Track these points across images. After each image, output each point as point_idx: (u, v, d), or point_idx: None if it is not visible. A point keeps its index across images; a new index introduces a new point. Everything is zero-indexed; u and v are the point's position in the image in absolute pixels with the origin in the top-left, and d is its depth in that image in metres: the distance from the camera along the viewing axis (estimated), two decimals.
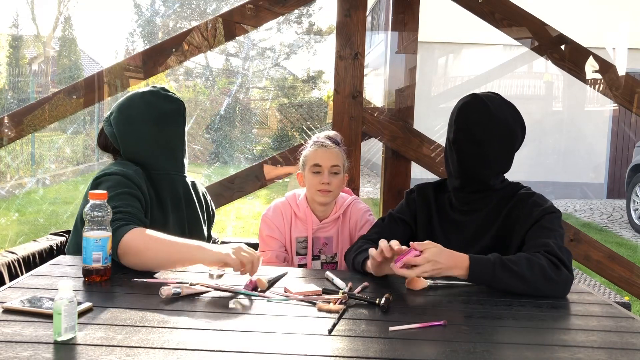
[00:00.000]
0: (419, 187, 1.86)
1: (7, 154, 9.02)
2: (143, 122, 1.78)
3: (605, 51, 7.73)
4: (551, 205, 1.64)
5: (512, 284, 1.47)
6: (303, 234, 2.05)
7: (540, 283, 1.47)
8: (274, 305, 1.33)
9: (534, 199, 1.66)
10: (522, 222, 1.63)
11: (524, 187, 1.74)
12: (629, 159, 8.99)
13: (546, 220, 1.60)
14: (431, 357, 1.07)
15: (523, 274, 1.46)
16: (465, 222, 1.72)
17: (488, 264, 1.48)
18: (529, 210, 1.63)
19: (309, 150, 2.05)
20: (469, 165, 1.67)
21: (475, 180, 1.69)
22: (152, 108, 1.79)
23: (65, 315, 1.06)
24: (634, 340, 1.21)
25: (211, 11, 18.15)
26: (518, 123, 1.69)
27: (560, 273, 1.48)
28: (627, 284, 2.80)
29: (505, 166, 1.70)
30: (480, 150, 1.64)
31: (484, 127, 1.63)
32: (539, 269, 1.47)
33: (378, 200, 3.24)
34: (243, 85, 17.46)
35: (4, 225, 6.42)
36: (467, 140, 1.66)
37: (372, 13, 13.59)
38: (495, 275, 1.46)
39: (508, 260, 1.48)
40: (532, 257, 1.49)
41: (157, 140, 1.79)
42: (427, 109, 8.50)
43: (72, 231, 1.79)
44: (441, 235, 1.76)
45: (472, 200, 1.72)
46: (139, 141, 1.79)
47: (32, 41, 17.11)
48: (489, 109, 1.64)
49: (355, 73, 2.69)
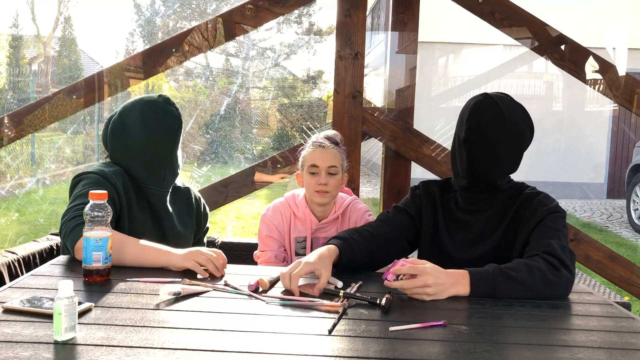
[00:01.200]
0: (425, 184, 1.84)
1: (7, 154, 9.02)
2: (133, 133, 1.79)
3: (605, 51, 7.72)
4: (556, 205, 1.63)
5: (514, 292, 1.45)
6: (302, 234, 2.05)
7: (542, 287, 1.46)
8: (274, 305, 1.33)
9: (540, 198, 1.65)
10: (526, 221, 1.62)
11: (530, 186, 1.73)
12: (629, 159, 9.00)
13: (550, 220, 1.59)
14: (431, 357, 1.07)
15: (524, 280, 1.45)
16: (470, 222, 1.71)
17: (488, 276, 1.46)
18: (533, 209, 1.62)
19: (307, 151, 2.05)
20: (479, 165, 1.66)
21: (483, 180, 1.68)
22: (146, 121, 1.79)
23: (65, 315, 1.06)
24: (634, 340, 1.21)
25: (211, 11, 18.14)
26: (527, 124, 1.68)
27: (559, 275, 1.47)
28: (627, 284, 2.80)
29: (513, 167, 1.69)
30: (491, 151, 1.63)
31: (496, 127, 1.62)
32: (539, 274, 1.46)
33: (378, 200, 3.24)
34: (243, 85, 17.46)
35: (4, 225, 6.42)
36: (479, 140, 1.64)
37: (372, 13, 13.59)
38: (496, 287, 1.45)
39: (507, 269, 1.47)
40: (530, 262, 1.48)
41: (142, 153, 1.79)
42: (427, 109, 8.50)
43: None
44: (446, 234, 1.75)
45: (478, 200, 1.71)
46: (124, 150, 1.81)
47: (32, 41, 17.10)
48: (501, 110, 1.63)
49: (355, 73, 2.69)
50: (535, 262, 1.48)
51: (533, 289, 1.46)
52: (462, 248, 1.71)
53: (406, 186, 2.94)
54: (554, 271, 1.47)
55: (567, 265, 1.49)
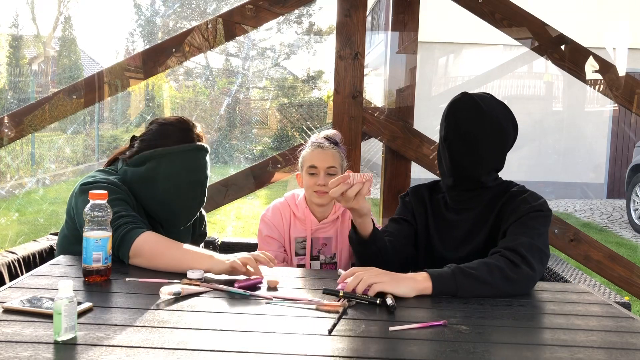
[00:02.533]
0: (413, 189, 1.86)
1: (7, 154, 9.03)
2: (166, 186, 1.72)
3: (605, 51, 7.72)
4: (540, 204, 1.62)
5: (476, 290, 1.44)
6: (302, 235, 2.05)
7: (502, 285, 1.46)
8: (274, 305, 1.33)
9: (525, 196, 1.65)
10: (507, 218, 1.63)
11: (517, 185, 1.73)
12: (629, 159, 9.00)
13: (528, 217, 1.58)
14: (431, 357, 1.07)
15: (484, 278, 1.44)
16: (458, 221, 1.73)
17: (448, 275, 1.45)
18: (515, 206, 1.63)
19: (306, 151, 2.05)
20: (461, 163, 1.67)
21: (468, 178, 1.69)
22: (187, 175, 1.73)
23: (65, 315, 1.06)
24: (634, 340, 1.21)
25: (211, 11, 18.15)
26: (509, 121, 1.69)
27: (519, 271, 1.47)
28: (627, 284, 2.80)
29: (497, 164, 1.70)
30: (471, 148, 1.65)
31: (474, 123, 1.64)
32: (498, 271, 1.46)
33: (378, 200, 3.24)
34: (243, 85, 17.47)
35: (4, 225, 6.42)
36: (458, 137, 1.66)
37: (372, 13, 13.59)
38: (457, 285, 1.43)
39: (467, 267, 1.46)
40: (489, 261, 1.49)
41: (169, 206, 1.75)
42: (427, 109, 8.48)
43: (60, 233, 1.78)
44: (436, 235, 1.76)
45: (465, 199, 1.72)
46: (154, 197, 1.74)
47: (32, 41, 17.10)
48: (478, 106, 1.64)
49: (355, 73, 2.69)
50: (495, 260, 1.48)
51: (494, 287, 1.45)
52: (452, 247, 1.73)
53: (406, 186, 2.94)
54: (513, 268, 1.47)
55: (529, 261, 1.49)
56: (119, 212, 1.59)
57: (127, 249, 1.54)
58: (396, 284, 1.40)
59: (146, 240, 1.54)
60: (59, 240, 1.78)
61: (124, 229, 1.56)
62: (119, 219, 1.57)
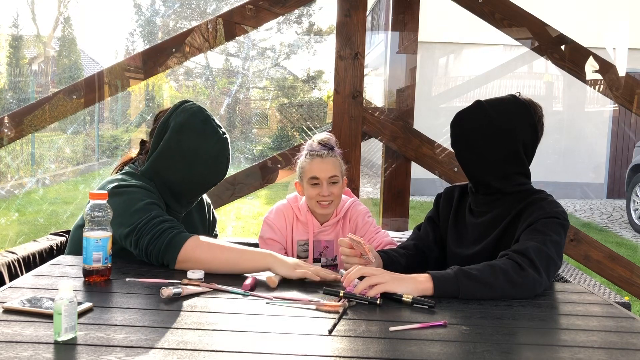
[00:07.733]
0: (448, 188, 1.90)
1: (7, 154, 9.03)
2: (195, 163, 1.72)
3: (605, 51, 7.73)
4: (557, 211, 1.59)
5: (478, 292, 1.43)
6: (304, 237, 2.05)
7: (506, 288, 1.44)
8: (274, 305, 1.33)
9: (543, 203, 1.61)
10: (522, 223, 1.61)
11: (541, 191, 1.69)
12: (629, 159, 9.00)
13: (541, 223, 1.56)
14: (431, 357, 1.07)
15: (487, 281, 1.43)
16: (474, 224, 1.73)
17: (450, 276, 1.44)
18: (531, 212, 1.60)
19: (305, 161, 2.01)
20: (471, 171, 1.71)
21: (479, 183, 1.71)
22: (215, 161, 1.75)
23: (65, 315, 1.06)
24: (634, 340, 1.21)
25: (211, 11, 18.15)
26: (519, 122, 1.65)
27: (525, 275, 1.45)
28: (627, 284, 2.80)
29: (513, 168, 1.67)
30: (477, 155, 1.66)
31: (477, 132, 1.65)
32: (502, 274, 1.44)
33: (378, 200, 3.23)
34: (243, 85, 17.47)
35: (4, 225, 6.42)
36: (464, 147, 1.69)
37: (372, 13, 13.59)
38: (459, 286, 1.42)
39: (469, 269, 1.45)
40: (494, 263, 1.48)
41: (184, 181, 1.74)
42: (427, 109, 8.50)
43: (75, 230, 1.78)
44: (453, 236, 1.79)
45: (484, 203, 1.73)
46: (169, 171, 1.72)
47: (32, 41, 17.10)
48: (482, 113, 1.65)
49: (355, 73, 2.69)
50: (500, 263, 1.47)
51: (497, 289, 1.44)
52: (461, 245, 1.75)
53: (406, 186, 2.95)
54: (519, 271, 1.45)
55: (537, 266, 1.47)
56: (159, 217, 1.57)
57: (175, 254, 1.53)
58: (397, 284, 1.40)
59: (194, 245, 1.53)
60: (73, 234, 1.77)
61: (169, 233, 1.54)
62: (161, 223, 1.56)
